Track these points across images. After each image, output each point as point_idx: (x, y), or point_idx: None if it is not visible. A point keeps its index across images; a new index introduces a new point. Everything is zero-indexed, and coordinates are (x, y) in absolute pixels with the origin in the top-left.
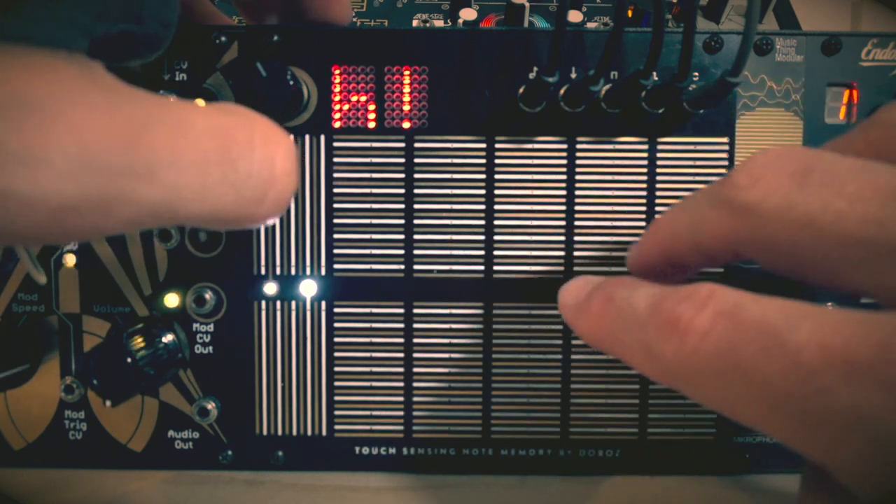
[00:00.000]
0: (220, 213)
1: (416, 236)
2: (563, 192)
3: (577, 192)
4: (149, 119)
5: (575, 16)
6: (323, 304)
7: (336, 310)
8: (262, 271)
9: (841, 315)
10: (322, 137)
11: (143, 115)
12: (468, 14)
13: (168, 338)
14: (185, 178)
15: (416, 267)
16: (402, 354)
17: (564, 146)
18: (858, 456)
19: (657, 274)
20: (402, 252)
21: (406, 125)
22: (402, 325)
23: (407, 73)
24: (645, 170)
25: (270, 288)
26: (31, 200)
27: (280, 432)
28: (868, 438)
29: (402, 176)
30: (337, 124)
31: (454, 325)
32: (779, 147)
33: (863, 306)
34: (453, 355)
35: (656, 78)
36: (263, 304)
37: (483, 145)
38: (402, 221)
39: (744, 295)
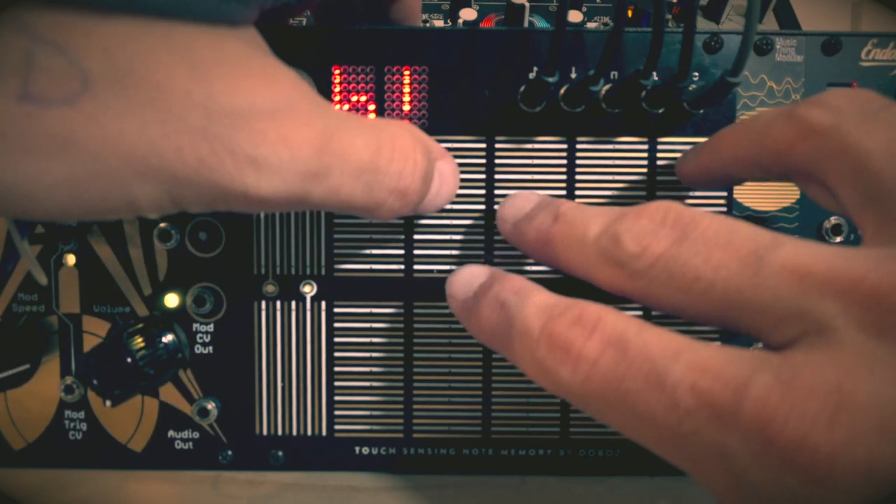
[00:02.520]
0: (349, 205)
1: (416, 236)
2: (563, 193)
3: (577, 192)
4: (332, 130)
5: (575, 16)
6: (323, 304)
7: (336, 310)
8: (262, 271)
9: (712, 352)
10: None
11: (330, 126)
12: (468, 14)
13: (168, 338)
14: (344, 181)
15: (416, 267)
16: (402, 354)
17: (564, 146)
18: (724, 489)
19: (705, 182)
20: (402, 252)
21: None
22: (402, 325)
23: (407, 73)
24: (645, 170)
25: (270, 288)
26: (252, 193)
27: (280, 432)
28: (730, 474)
29: None
30: None
31: (454, 325)
32: (665, 202)
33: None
34: (453, 355)
35: (656, 78)
36: (263, 304)
37: (483, 145)
38: (401, 221)
39: (628, 321)
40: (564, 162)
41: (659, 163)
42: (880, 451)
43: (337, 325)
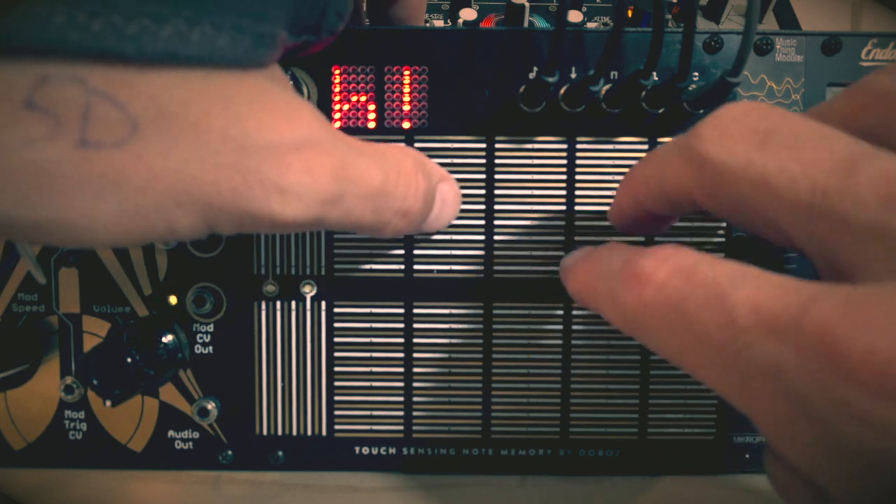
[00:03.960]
0: (358, 226)
1: (416, 236)
2: (563, 192)
3: (577, 192)
4: (347, 159)
5: (575, 16)
6: (323, 304)
7: (336, 310)
8: (262, 271)
9: (777, 280)
10: None
11: (345, 155)
12: (468, 14)
13: (168, 338)
14: (356, 204)
15: (416, 267)
16: (402, 354)
17: (564, 146)
18: (771, 407)
19: (633, 223)
20: (402, 252)
21: (406, 125)
22: (402, 325)
23: (407, 73)
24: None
25: (270, 288)
26: (277, 218)
27: (280, 432)
28: (779, 392)
29: None
30: (337, 124)
31: (454, 325)
32: (750, 101)
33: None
34: (453, 355)
35: (656, 78)
36: (263, 304)
37: (483, 145)
38: None
39: (702, 256)
40: (564, 162)
41: None
42: None
43: (337, 325)
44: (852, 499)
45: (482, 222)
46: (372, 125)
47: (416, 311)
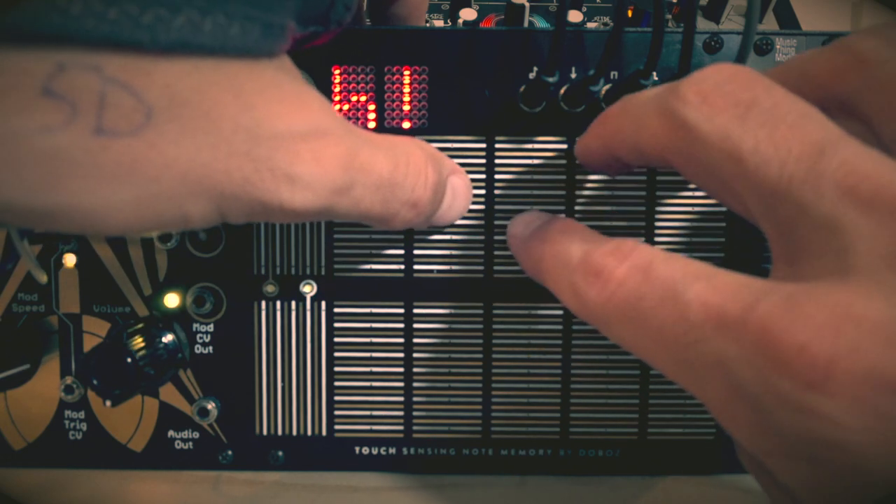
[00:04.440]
0: (367, 216)
1: (416, 236)
2: (563, 192)
3: (577, 192)
4: (357, 149)
5: (575, 16)
6: (323, 304)
7: (336, 310)
8: (262, 271)
9: (728, 279)
10: None
11: (355, 145)
12: (468, 14)
13: (168, 338)
14: (365, 194)
15: (416, 267)
16: (402, 354)
17: (564, 146)
18: (719, 396)
19: (600, 166)
20: (402, 252)
21: (406, 125)
22: (402, 325)
23: (407, 73)
24: (645, 170)
25: (270, 288)
26: (287, 206)
27: (280, 432)
28: (725, 382)
29: None
30: None
31: (454, 325)
32: (734, 65)
33: None
34: (453, 355)
35: (656, 78)
36: (263, 304)
37: (483, 145)
38: None
39: (658, 254)
40: (564, 162)
41: None
42: (883, 362)
43: (337, 325)
44: (786, 476)
45: (482, 222)
46: (372, 125)
47: (416, 311)
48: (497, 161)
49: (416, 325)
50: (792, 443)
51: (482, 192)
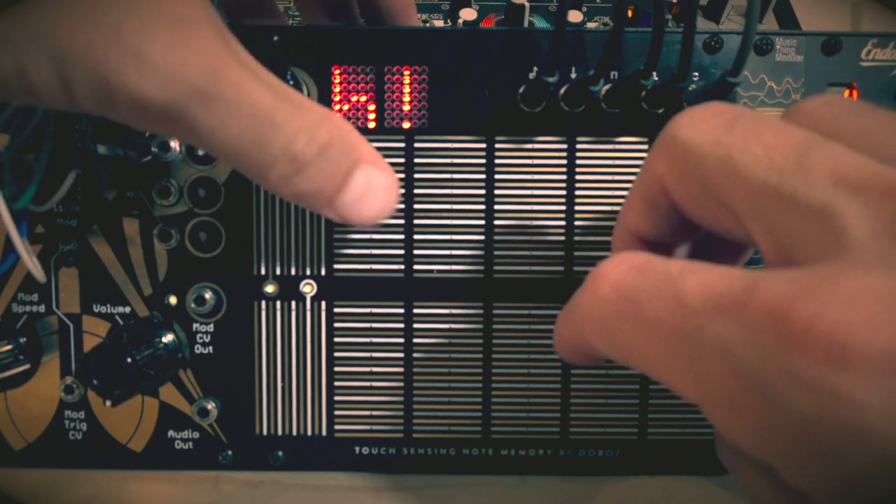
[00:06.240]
0: (237, 151)
1: (416, 236)
2: (563, 192)
3: (577, 192)
4: (233, 62)
5: (575, 16)
6: (323, 304)
7: (336, 310)
8: (262, 271)
9: (726, 270)
10: None
11: (230, 58)
12: (468, 14)
13: (168, 338)
14: (234, 118)
15: (416, 267)
16: (402, 354)
17: (564, 146)
18: (720, 387)
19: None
20: (402, 252)
21: (406, 125)
22: (402, 325)
23: (407, 73)
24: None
25: (270, 288)
26: (134, 89)
27: (280, 432)
28: (728, 370)
29: (402, 176)
30: None
31: (454, 325)
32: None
33: None
34: (453, 355)
35: (656, 78)
36: (263, 304)
37: (483, 145)
38: (402, 221)
39: (655, 256)
40: (564, 162)
41: None
42: None
43: (337, 325)
44: (796, 473)
45: (482, 222)
46: (372, 125)
47: (416, 311)
48: (497, 161)
49: (416, 325)
50: (806, 434)
51: (482, 192)
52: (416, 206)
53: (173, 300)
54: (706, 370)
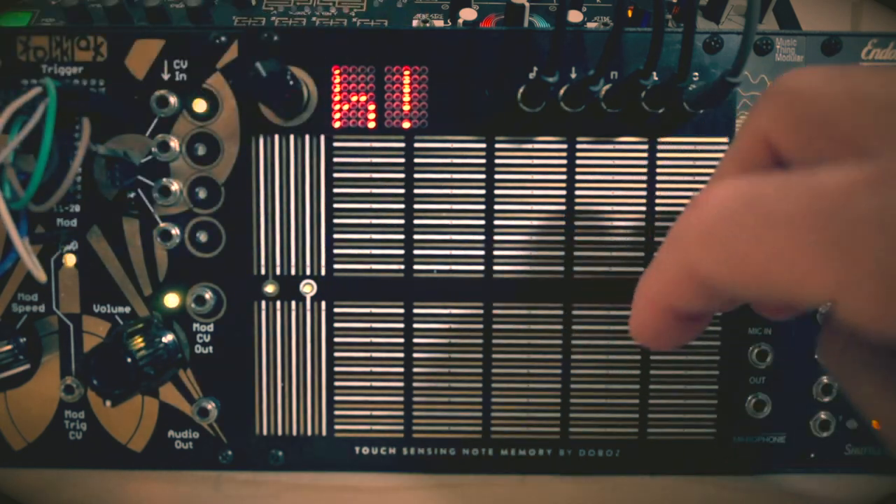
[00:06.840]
0: None
1: (416, 236)
2: (563, 192)
3: (577, 192)
4: None
5: (575, 16)
6: (323, 304)
7: (336, 310)
8: (262, 271)
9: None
10: (322, 137)
11: None
12: (468, 14)
13: (168, 338)
14: None
15: (416, 267)
16: (402, 354)
17: (564, 146)
18: (877, 265)
19: (663, 334)
20: (402, 252)
21: (406, 125)
22: (402, 325)
23: (407, 73)
24: (645, 170)
25: (270, 288)
26: None
27: (280, 432)
28: (887, 239)
29: (402, 176)
30: (337, 124)
31: (454, 325)
32: (737, 181)
33: None
34: (453, 355)
35: (656, 78)
36: (263, 304)
37: (483, 145)
38: (402, 221)
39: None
40: (564, 162)
41: (659, 163)
42: None
43: (337, 325)
44: None
45: (482, 222)
46: (372, 125)
47: (416, 311)
48: (497, 161)
49: (416, 325)
50: None
51: (482, 192)
52: (416, 206)
53: (173, 300)
54: (860, 245)
